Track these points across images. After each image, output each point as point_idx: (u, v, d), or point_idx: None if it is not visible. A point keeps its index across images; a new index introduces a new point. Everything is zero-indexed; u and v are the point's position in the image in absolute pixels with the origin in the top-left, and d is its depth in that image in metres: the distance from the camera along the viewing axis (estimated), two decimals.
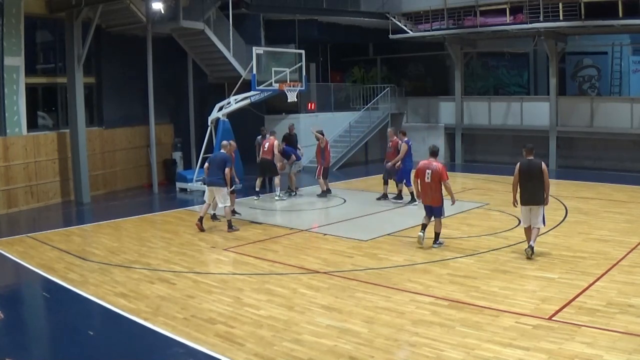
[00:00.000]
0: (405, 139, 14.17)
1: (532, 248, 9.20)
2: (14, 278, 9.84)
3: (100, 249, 10.82)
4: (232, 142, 13.08)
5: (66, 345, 6.73)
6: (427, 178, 9.97)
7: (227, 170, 11.64)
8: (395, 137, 14.49)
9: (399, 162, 13.99)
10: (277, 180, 15.13)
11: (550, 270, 8.65)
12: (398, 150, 14.13)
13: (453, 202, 10.22)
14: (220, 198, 11.76)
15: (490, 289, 7.91)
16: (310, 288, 8.27)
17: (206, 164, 12.29)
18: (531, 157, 9.37)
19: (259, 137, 16.94)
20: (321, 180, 15.40)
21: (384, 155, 14.78)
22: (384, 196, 14.67)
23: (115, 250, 10.67)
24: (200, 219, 11.91)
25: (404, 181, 14.15)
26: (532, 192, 9.23)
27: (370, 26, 23.98)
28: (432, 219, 10.21)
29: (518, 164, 9.38)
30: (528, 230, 9.40)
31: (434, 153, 10.24)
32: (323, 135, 15.85)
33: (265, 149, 15.04)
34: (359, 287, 8.20)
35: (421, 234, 10.13)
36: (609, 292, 7.59)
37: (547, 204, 9.38)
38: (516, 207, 9.56)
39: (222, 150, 12.29)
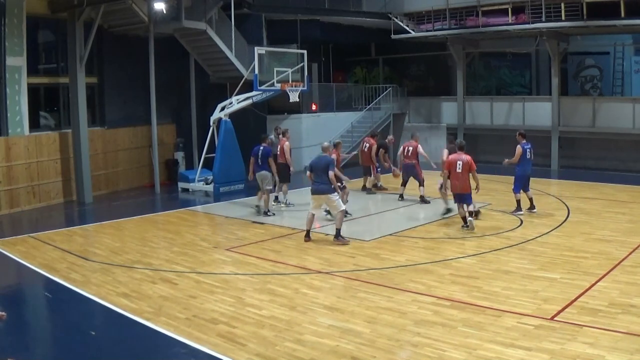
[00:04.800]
0: (523, 142, 12.74)
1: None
2: (16, 278, 9.86)
3: (103, 249, 10.83)
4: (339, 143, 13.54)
5: (68, 345, 6.74)
6: (459, 168, 11.26)
7: (330, 173, 10.48)
8: (413, 140, 14.44)
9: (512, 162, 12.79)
10: (285, 187, 14.20)
11: (552, 270, 8.64)
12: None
13: (478, 189, 11.40)
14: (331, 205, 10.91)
15: (492, 289, 7.90)
16: (312, 288, 8.28)
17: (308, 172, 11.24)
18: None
19: (272, 137, 16.46)
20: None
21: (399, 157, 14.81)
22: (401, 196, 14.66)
23: (117, 250, 10.68)
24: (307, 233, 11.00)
25: (513, 188, 12.76)
26: None
27: (372, 26, 23.94)
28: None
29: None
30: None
31: (462, 147, 11.71)
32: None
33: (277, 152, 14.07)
34: (361, 287, 8.20)
35: (469, 224, 11.20)
36: (611, 292, 7.59)
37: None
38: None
39: (324, 154, 11.10)
